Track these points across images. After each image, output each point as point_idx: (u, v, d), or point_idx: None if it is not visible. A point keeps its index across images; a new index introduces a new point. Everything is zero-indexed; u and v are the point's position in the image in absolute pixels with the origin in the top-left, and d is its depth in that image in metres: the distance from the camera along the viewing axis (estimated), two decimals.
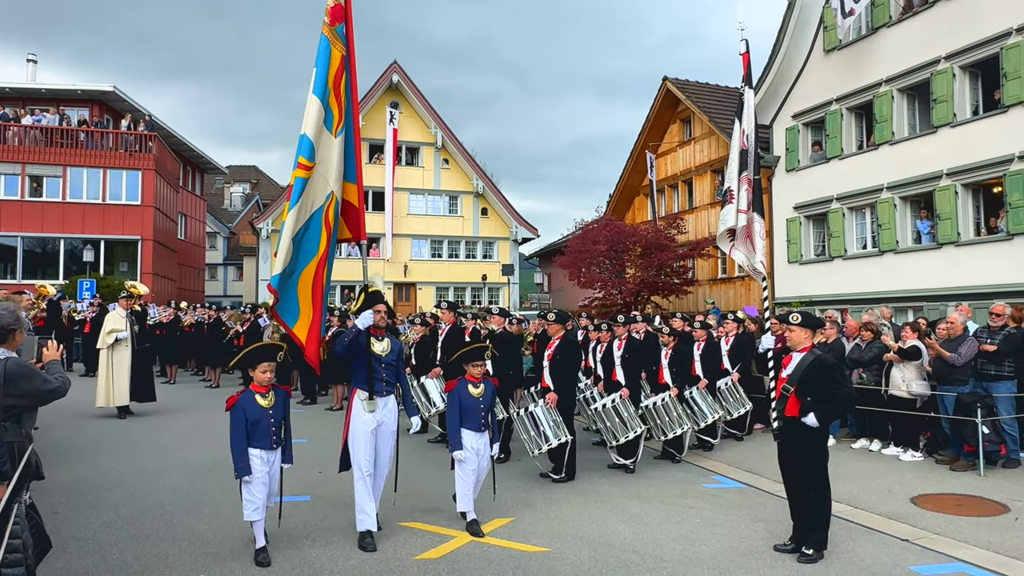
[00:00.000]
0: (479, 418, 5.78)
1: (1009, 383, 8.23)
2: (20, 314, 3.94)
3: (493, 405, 6.03)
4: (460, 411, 5.77)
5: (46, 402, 3.92)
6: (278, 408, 5.15)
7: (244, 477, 4.94)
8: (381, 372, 5.49)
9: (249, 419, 5.00)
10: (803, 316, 5.47)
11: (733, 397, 9.58)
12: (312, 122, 5.57)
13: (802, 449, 5.24)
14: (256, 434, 5.01)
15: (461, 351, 6.10)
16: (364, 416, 5.42)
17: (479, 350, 6.04)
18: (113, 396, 10.96)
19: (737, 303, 20.20)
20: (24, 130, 26.25)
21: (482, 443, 5.81)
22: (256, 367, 5.12)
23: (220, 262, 43.44)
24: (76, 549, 5.17)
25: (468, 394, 5.80)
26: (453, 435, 5.75)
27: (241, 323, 15.80)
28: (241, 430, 4.99)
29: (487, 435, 5.86)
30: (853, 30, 16.60)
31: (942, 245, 14.65)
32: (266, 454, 5.04)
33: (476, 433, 5.77)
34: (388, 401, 5.56)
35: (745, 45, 8.34)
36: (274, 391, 5.16)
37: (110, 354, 11.06)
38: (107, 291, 21.92)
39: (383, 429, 5.52)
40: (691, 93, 23.13)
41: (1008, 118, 13.35)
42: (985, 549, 5.44)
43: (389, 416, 5.55)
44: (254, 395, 5.09)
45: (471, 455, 5.72)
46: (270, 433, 5.05)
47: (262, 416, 5.04)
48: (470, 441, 5.75)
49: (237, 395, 5.11)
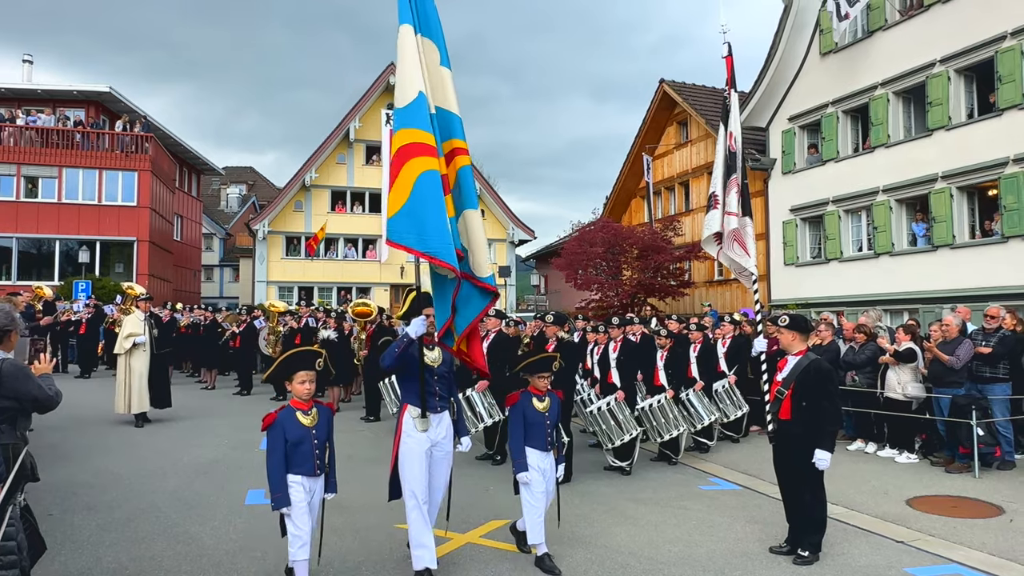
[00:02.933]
0: (545, 435, 5.16)
1: (1004, 385, 8.27)
2: (16, 315, 3.94)
3: (559, 421, 5.39)
4: (524, 428, 5.13)
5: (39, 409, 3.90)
6: (321, 428, 4.40)
7: (283, 509, 4.26)
8: (434, 386, 4.90)
9: (289, 440, 4.26)
10: (791, 319, 5.47)
11: (730, 399, 9.60)
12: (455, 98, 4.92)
13: (797, 452, 5.25)
14: (297, 458, 4.27)
15: (526, 361, 5.40)
16: (416, 436, 4.79)
17: (546, 360, 5.36)
18: (131, 403, 10.53)
19: (734, 305, 20.23)
20: (19, 130, 26.19)
21: (548, 463, 5.19)
22: (293, 377, 4.38)
23: (216, 263, 43.34)
24: (71, 551, 5.15)
25: (533, 409, 5.16)
26: (517, 455, 5.10)
27: (237, 324, 15.78)
28: (279, 454, 4.26)
29: (551, 454, 5.23)
30: (849, 33, 16.66)
31: (937, 248, 14.69)
32: (308, 482, 4.32)
33: (542, 452, 5.14)
34: (442, 418, 4.94)
35: (727, 48, 8.34)
36: (316, 408, 4.44)
37: (127, 359, 10.60)
38: (103, 292, 21.88)
39: (438, 450, 4.89)
40: (688, 95, 23.18)
41: (1003, 121, 13.40)
42: (980, 551, 5.46)
43: (444, 435, 4.95)
44: (294, 412, 4.34)
45: (538, 477, 5.08)
46: (313, 457, 4.30)
47: (304, 437, 4.29)
48: (536, 461, 5.10)
49: (275, 412, 4.37)
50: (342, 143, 29.96)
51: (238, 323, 15.80)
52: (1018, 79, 13.05)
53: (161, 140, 29.97)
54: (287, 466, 4.26)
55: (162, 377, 11.16)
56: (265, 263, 29.53)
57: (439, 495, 5.01)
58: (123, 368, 10.62)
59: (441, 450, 4.92)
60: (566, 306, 26.87)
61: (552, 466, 5.20)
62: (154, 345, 10.94)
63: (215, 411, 12.10)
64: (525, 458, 5.09)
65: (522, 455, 5.10)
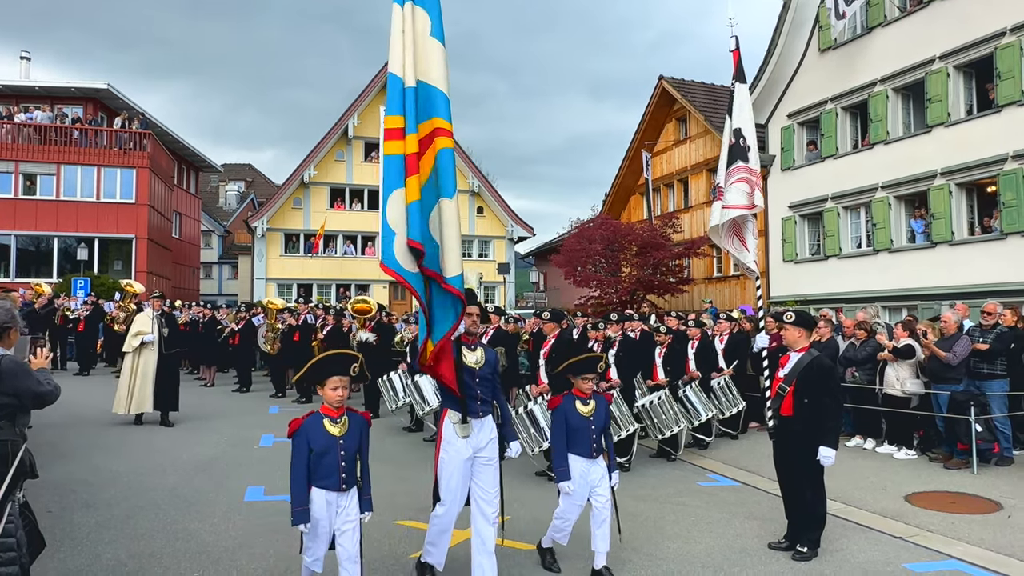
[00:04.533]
0: (590, 441, 4.75)
1: (1002, 381, 8.28)
2: (15, 312, 3.92)
3: (606, 425, 4.95)
4: (567, 433, 4.75)
5: (38, 404, 3.89)
6: (352, 437, 3.99)
7: (301, 527, 3.87)
8: (476, 388, 4.58)
9: (314, 450, 3.88)
10: (797, 315, 5.48)
11: (726, 396, 9.60)
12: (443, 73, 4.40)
13: (797, 448, 5.25)
14: (321, 469, 3.90)
15: (569, 362, 5.00)
16: (457, 443, 4.49)
17: (591, 360, 4.97)
18: (133, 403, 10.15)
19: (733, 302, 20.25)
20: (17, 128, 26.14)
21: (597, 472, 4.78)
22: (325, 382, 3.97)
23: (215, 260, 43.31)
24: (70, 548, 5.15)
25: (576, 412, 4.77)
26: (559, 463, 4.73)
27: (236, 322, 15.77)
28: (302, 463, 3.88)
29: (601, 461, 4.82)
30: (848, 30, 16.65)
31: (936, 244, 14.71)
32: (333, 496, 3.93)
33: (586, 459, 4.75)
34: (485, 423, 4.62)
35: (735, 42, 8.36)
36: (348, 416, 4.04)
37: (135, 358, 10.24)
38: (101, 289, 21.85)
39: (482, 458, 4.57)
40: (687, 92, 23.17)
41: (1002, 118, 13.41)
42: (978, 546, 5.47)
43: (488, 441, 4.60)
44: (322, 419, 3.97)
45: (581, 486, 4.72)
46: (339, 470, 3.92)
47: (330, 447, 3.92)
48: (580, 469, 4.73)
49: (302, 418, 3.99)
50: (341, 140, 29.94)
51: (237, 320, 15.80)
52: (1017, 75, 13.05)
53: (159, 137, 29.93)
54: (310, 477, 3.90)
55: (171, 379, 10.67)
56: (264, 260, 29.52)
57: (491, 507, 4.58)
58: (129, 367, 10.30)
59: (485, 458, 4.58)
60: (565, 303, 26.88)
61: (604, 475, 4.80)
62: (163, 345, 10.52)
63: (214, 408, 12.10)
64: (568, 466, 4.71)
65: (564, 463, 4.72)
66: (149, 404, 10.25)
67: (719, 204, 8.04)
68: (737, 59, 8.35)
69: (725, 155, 8.10)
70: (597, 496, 4.76)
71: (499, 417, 4.78)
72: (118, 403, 10.24)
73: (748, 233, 7.99)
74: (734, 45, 8.37)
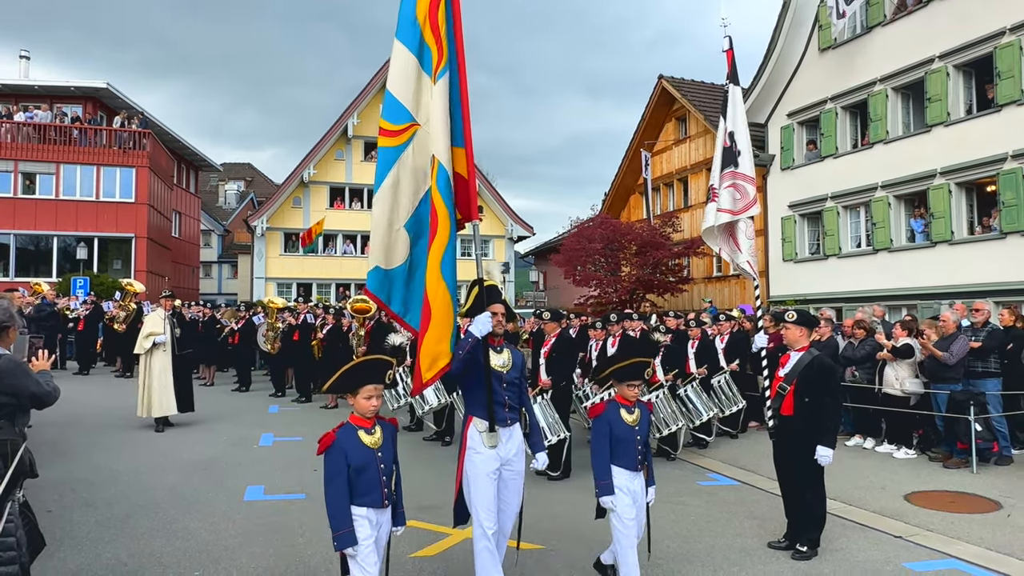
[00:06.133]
0: (635, 452, 4.38)
1: (995, 380, 8.30)
2: (14, 311, 3.92)
3: (648, 436, 4.58)
4: (611, 443, 4.37)
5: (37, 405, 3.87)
6: (387, 448, 3.69)
7: (348, 550, 3.48)
8: (503, 394, 4.27)
9: (352, 465, 3.51)
10: (799, 314, 5.48)
11: (726, 395, 9.61)
12: (401, 74, 4.33)
13: (797, 448, 5.26)
14: (362, 486, 3.54)
15: (614, 367, 4.60)
16: (484, 453, 4.16)
17: (638, 366, 4.56)
18: (151, 406, 9.89)
19: (732, 301, 20.25)
20: (17, 127, 26.12)
21: (639, 485, 4.41)
22: (359, 391, 3.62)
23: (214, 260, 43.30)
24: (70, 547, 5.15)
25: (621, 421, 4.39)
26: (602, 475, 4.33)
27: (236, 321, 15.77)
28: (342, 481, 3.49)
29: (642, 474, 4.46)
30: (848, 29, 16.65)
31: (936, 244, 14.71)
32: (375, 514, 3.59)
33: (631, 472, 4.37)
34: (513, 432, 4.31)
35: (728, 42, 8.34)
36: (379, 424, 3.72)
37: (148, 360, 9.97)
38: (101, 289, 21.86)
39: (508, 470, 4.26)
40: (687, 91, 23.16)
41: (1001, 117, 13.40)
42: (978, 545, 5.48)
43: (515, 452, 4.30)
44: (356, 431, 3.61)
45: (627, 501, 4.33)
46: (380, 484, 3.58)
47: (369, 461, 3.57)
48: (625, 482, 4.34)
49: (333, 432, 3.59)
50: (340, 139, 29.93)
51: (237, 319, 15.80)
52: (1017, 75, 13.04)
53: (159, 136, 29.91)
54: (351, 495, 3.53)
55: (184, 380, 10.43)
56: (264, 259, 29.50)
57: (509, 523, 4.33)
58: (143, 369, 10.05)
59: (512, 470, 4.27)
60: (565, 302, 26.88)
61: (643, 488, 4.45)
62: (176, 345, 10.26)
63: (214, 408, 12.09)
64: (611, 479, 4.32)
65: (608, 475, 4.33)
66: (173, 407, 9.97)
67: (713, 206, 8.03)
68: (731, 60, 8.32)
69: (719, 157, 8.09)
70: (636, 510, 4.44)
71: (526, 425, 4.47)
72: (140, 407, 10.00)
73: (741, 235, 7.96)
74: (727, 45, 8.34)
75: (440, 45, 4.35)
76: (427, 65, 4.35)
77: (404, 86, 4.32)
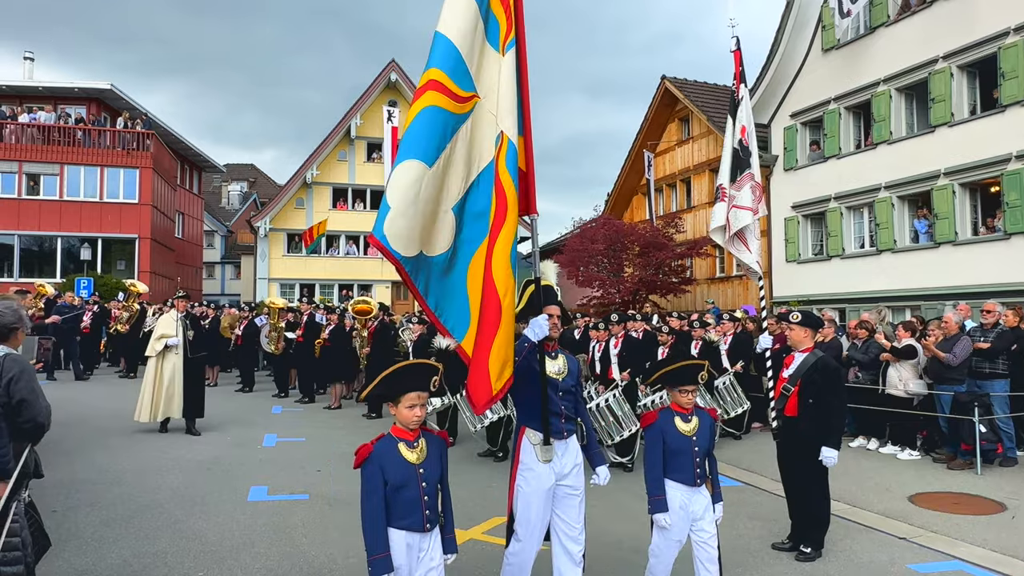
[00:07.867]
0: (692, 465, 3.96)
1: (1003, 381, 8.27)
2: (22, 312, 3.93)
3: (711, 447, 4.13)
4: (665, 455, 3.98)
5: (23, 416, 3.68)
6: (432, 465, 3.26)
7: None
8: (559, 403, 3.90)
9: (390, 482, 3.12)
10: (803, 315, 5.47)
11: (731, 396, 9.60)
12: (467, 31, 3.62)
13: (801, 449, 5.25)
14: (400, 506, 3.14)
15: (664, 370, 4.16)
16: (538, 468, 3.81)
17: (692, 368, 4.11)
18: (160, 409, 9.48)
19: (735, 302, 20.23)
20: (21, 128, 26.20)
21: (700, 503, 3.99)
22: (400, 399, 3.21)
23: (218, 260, 43.40)
24: (75, 547, 5.17)
25: (675, 431, 3.99)
26: (655, 489, 3.95)
27: (239, 322, 15.77)
28: (378, 499, 3.11)
29: (705, 490, 4.03)
30: (851, 29, 16.63)
31: (940, 244, 14.68)
32: (416, 538, 3.18)
33: (688, 488, 3.96)
34: (569, 445, 3.95)
35: (736, 42, 8.32)
36: (425, 437, 3.30)
37: (159, 362, 9.57)
38: (104, 290, 21.90)
39: (565, 487, 3.89)
40: (689, 92, 23.14)
41: (1006, 118, 13.38)
42: (982, 547, 5.46)
43: (572, 466, 3.92)
44: (396, 444, 3.21)
45: (681, 519, 3.94)
46: (422, 505, 3.17)
47: (410, 478, 3.16)
48: (680, 498, 3.95)
49: (371, 443, 3.19)
50: (343, 140, 29.96)
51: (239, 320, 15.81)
52: (1021, 75, 13.02)
53: (162, 137, 29.97)
54: (388, 516, 3.13)
55: (197, 384, 9.99)
56: (267, 260, 29.55)
57: (578, 544, 3.91)
58: (151, 371, 9.60)
59: (569, 486, 3.90)
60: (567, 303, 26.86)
61: (708, 506, 4.02)
62: (188, 348, 9.80)
63: (217, 408, 12.10)
64: (664, 494, 3.93)
65: (660, 490, 3.94)
66: (178, 410, 9.60)
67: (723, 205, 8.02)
68: (738, 60, 8.31)
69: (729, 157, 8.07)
70: (699, 531, 3.99)
71: (583, 437, 4.06)
72: (141, 411, 9.51)
73: (750, 234, 7.96)
74: (735, 46, 8.33)
75: (509, 15, 3.86)
76: (492, 34, 3.79)
77: (469, 47, 3.65)
